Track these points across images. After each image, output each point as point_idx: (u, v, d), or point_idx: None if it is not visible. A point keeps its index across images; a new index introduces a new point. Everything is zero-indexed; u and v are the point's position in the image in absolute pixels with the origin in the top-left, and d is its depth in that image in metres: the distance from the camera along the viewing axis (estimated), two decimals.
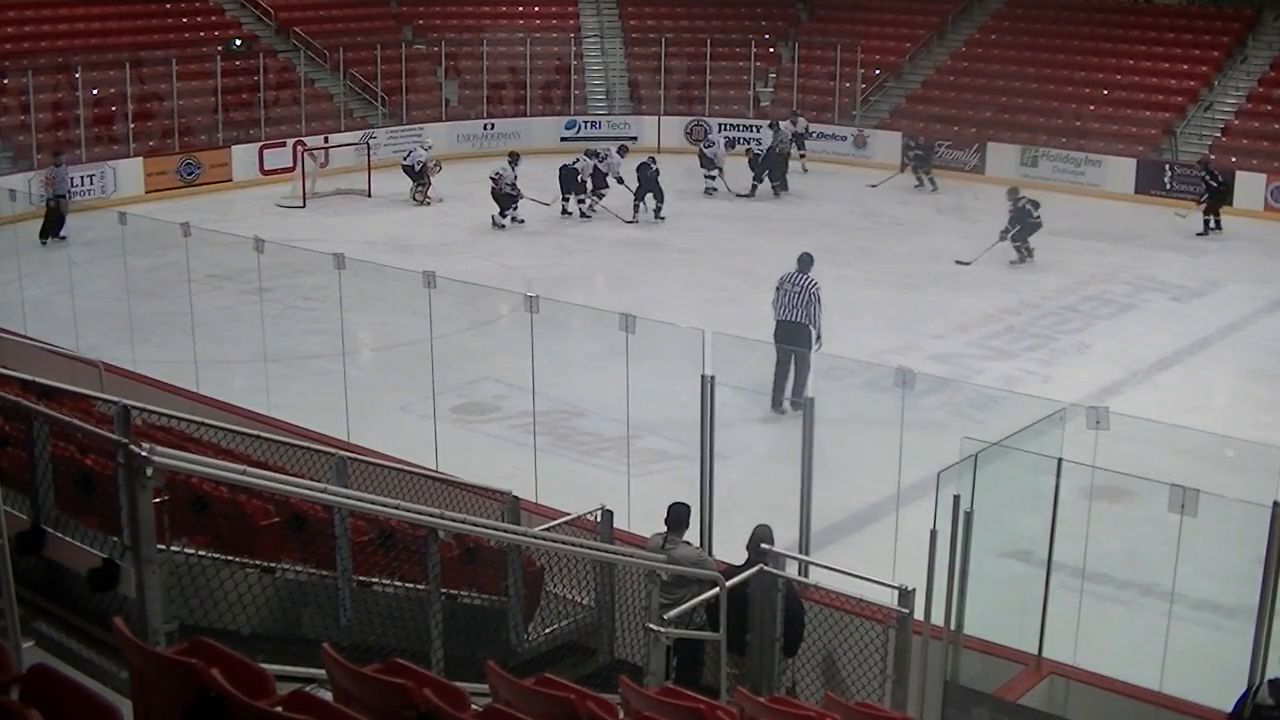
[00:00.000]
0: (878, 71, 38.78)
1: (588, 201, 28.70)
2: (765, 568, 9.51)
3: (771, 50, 40.07)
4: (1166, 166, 32.93)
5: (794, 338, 16.84)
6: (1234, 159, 32.20)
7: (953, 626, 9.45)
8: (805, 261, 17.65)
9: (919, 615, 9.13)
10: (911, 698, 9.23)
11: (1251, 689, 7.93)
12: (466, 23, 39.76)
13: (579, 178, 28.65)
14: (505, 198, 27.66)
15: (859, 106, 37.79)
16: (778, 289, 17.31)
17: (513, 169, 27.86)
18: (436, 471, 12.45)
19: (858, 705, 8.26)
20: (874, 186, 32.78)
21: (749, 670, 9.62)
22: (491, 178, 27.76)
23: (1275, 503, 8.35)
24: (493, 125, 37.38)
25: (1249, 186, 31.45)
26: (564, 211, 28.75)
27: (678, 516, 10.32)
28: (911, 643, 9.12)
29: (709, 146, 31.98)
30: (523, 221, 28.05)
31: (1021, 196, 25.87)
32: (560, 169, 28.77)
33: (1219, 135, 33.68)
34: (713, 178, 31.31)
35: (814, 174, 34.83)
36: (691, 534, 10.90)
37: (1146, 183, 32.97)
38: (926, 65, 39.08)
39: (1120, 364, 19.48)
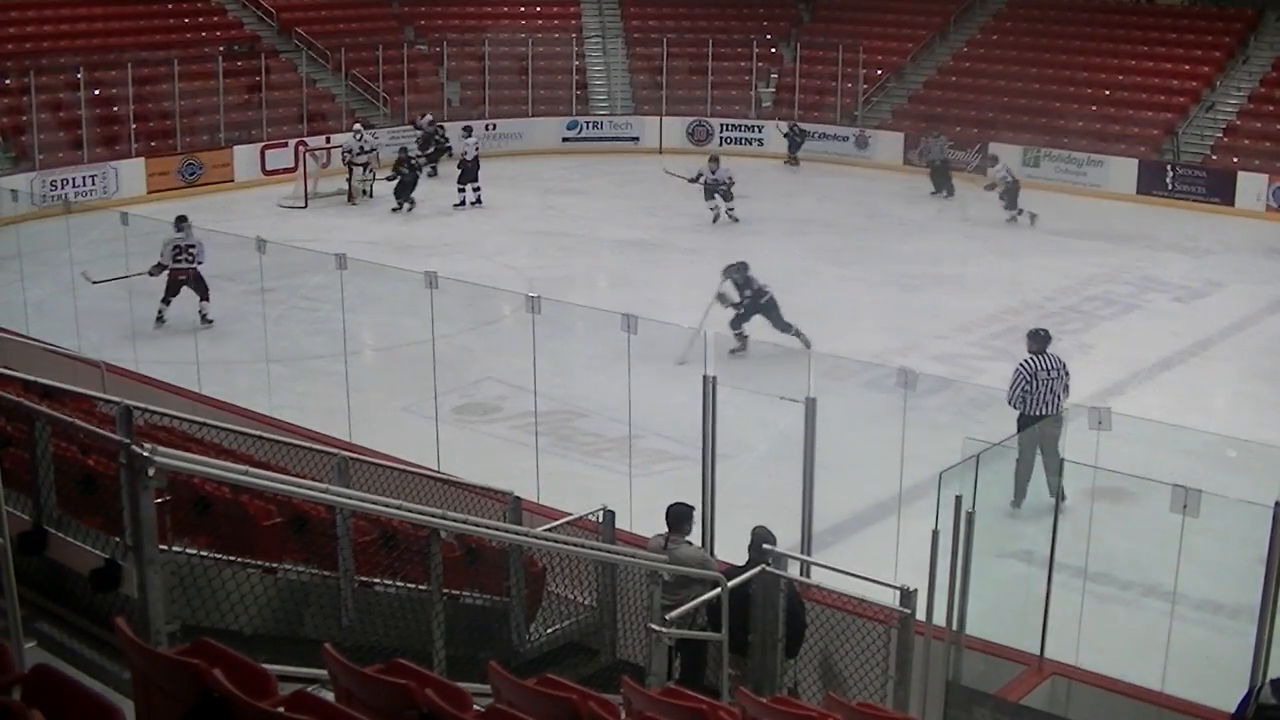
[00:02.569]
0: (879, 72, 38.78)
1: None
2: (767, 568, 9.50)
3: (773, 50, 40.05)
4: (1168, 167, 32.93)
5: (1054, 423, 14.12)
6: (1235, 159, 32.20)
7: (954, 627, 9.45)
8: (1042, 339, 14.76)
9: (921, 615, 9.12)
10: (913, 698, 9.22)
11: (1254, 689, 7.91)
12: (468, 23, 39.77)
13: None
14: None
15: (860, 107, 37.78)
16: (1031, 377, 14.27)
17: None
18: (438, 472, 12.44)
19: (859, 705, 8.24)
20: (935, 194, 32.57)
21: (750, 671, 9.62)
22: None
23: (1277, 503, 8.34)
24: (494, 126, 37.36)
25: (1251, 187, 31.48)
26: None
27: (678, 517, 10.31)
28: (913, 643, 9.12)
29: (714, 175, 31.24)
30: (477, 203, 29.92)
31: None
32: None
33: (1221, 135, 33.67)
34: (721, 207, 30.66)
35: (816, 174, 34.85)
36: (693, 534, 10.91)
37: (1148, 183, 32.96)
38: (928, 65, 39.07)
39: (1123, 364, 19.47)
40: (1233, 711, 7.80)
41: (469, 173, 30.38)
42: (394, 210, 29.55)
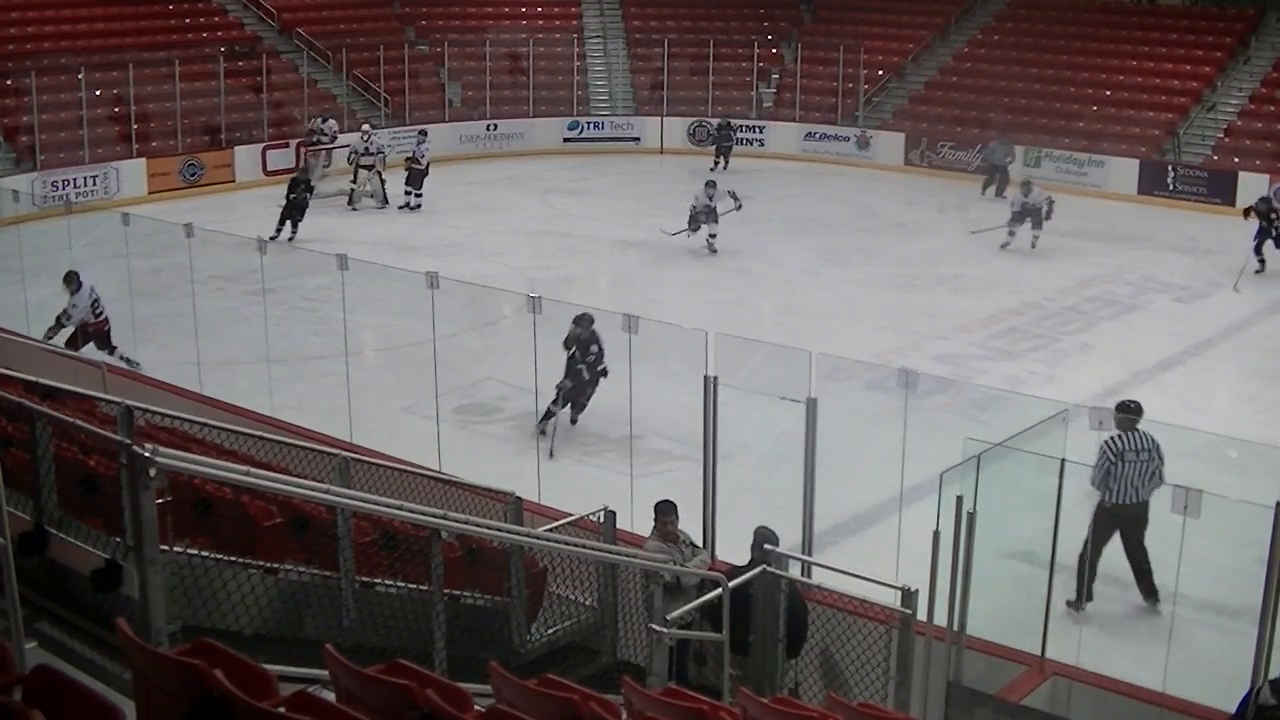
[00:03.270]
0: (880, 72, 38.78)
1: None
2: (768, 568, 9.50)
3: (774, 51, 40.06)
4: (1170, 167, 32.93)
5: (1139, 518, 12.06)
6: (1236, 159, 32.20)
7: (955, 627, 9.45)
8: (1132, 413, 12.49)
9: (922, 616, 9.12)
10: (914, 698, 9.22)
11: (1254, 689, 7.92)
12: (469, 23, 39.76)
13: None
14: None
15: (862, 107, 37.79)
16: (1117, 456, 11.98)
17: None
18: (439, 472, 12.45)
19: (860, 706, 8.25)
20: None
21: (751, 671, 9.62)
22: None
23: (1278, 503, 8.34)
24: (495, 126, 37.39)
25: (1251, 186, 31.42)
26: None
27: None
28: (914, 643, 9.12)
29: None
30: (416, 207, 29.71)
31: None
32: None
33: (1222, 136, 33.68)
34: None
35: (818, 175, 34.88)
36: (694, 535, 10.92)
37: (1150, 183, 32.97)
38: (930, 66, 39.07)
39: (1123, 365, 19.47)
40: (1232, 712, 7.80)
41: (416, 178, 30.06)
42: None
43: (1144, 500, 11.84)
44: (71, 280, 17.92)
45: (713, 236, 26.13)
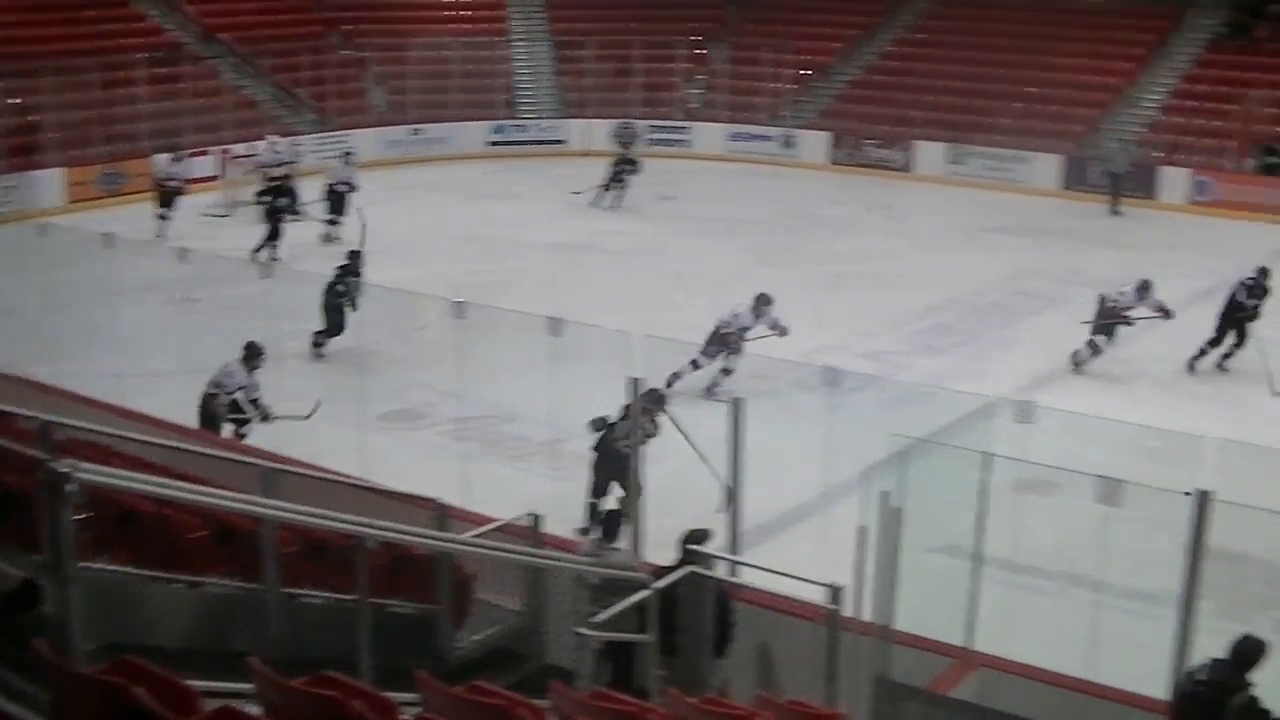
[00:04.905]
0: (807, 72, 38.95)
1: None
2: (695, 569, 9.52)
3: (702, 52, 40.13)
4: (1092, 162, 33.32)
5: None
6: (1159, 154, 32.59)
7: (883, 622, 9.50)
8: None
9: (850, 612, 9.17)
10: (844, 694, 9.26)
11: (1190, 670, 8.07)
12: (395, 27, 39.56)
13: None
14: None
15: (788, 107, 37.94)
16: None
17: None
18: (364, 480, 12.39)
19: (790, 703, 8.28)
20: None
21: (680, 672, 9.63)
22: None
23: (1198, 491, 8.45)
24: (420, 130, 37.22)
25: (1174, 182, 31.97)
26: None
27: (610, 523, 10.35)
28: (842, 640, 9.16)
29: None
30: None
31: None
32: None
33: (1145, 131, 34.09)
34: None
35: (745, 175, 34.98)
36: (624, 537, 10.93)
37: (1073, 178, 33.36)
38: (856, 65, 39.31)
39: (1047, 358, 19.65)
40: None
41: (339, 203, 27.39)
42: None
43: None
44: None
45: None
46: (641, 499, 11.58)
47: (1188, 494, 8.45)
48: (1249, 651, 7.93)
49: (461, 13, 41.38)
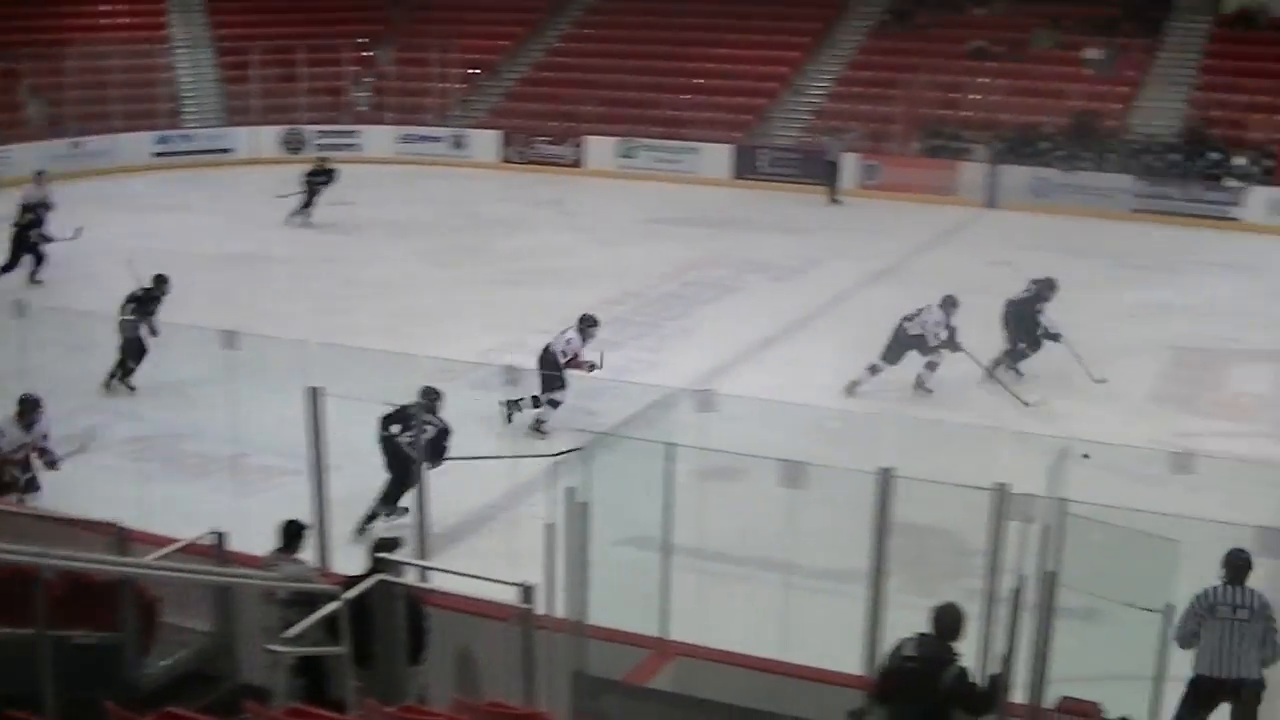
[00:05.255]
0: (475, 71, 38.80)
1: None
2: (385, 577, 9.29)
3: (369, 54, 39.54)
4: (762, 150, 34.13)
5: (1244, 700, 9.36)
6: (827, 139, 33.56)
7: (577, 618, 9.41)
8: (1240, 566, 9.34)
9: (543, 609, 9.05)
10: (542, 692, 9.15)
11: (897, 646, 8.19)
12: (51, 36, 37.63)
13: None
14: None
15: (457, 107, 37.74)
16: (1208, 611, 9.31)
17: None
18: (35, 509, 11.77)
19: (489, 705, 8.16)
20: None
21: (376, 682, 9.38)
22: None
23: (880, 468, 8.59)
24: (81, 143, 35.49)
25: (844, 166, 32.96)
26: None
27: (288, 534, 10.05)
28: (538, 637, 9.04)
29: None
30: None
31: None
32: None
33: (813, 118, 35.08)
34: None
35: (416, 176, 34.64)
36: (309, 548, 10.59)
37: (743, 167, 34.13)
38: (523, 63, 39.35)
39: (726, 346, 19.93)
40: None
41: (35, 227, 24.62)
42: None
43: (1250, 675, 9.31)
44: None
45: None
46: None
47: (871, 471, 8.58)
48: (951, 622, 8.06)
49: (119, 20, 39.70)
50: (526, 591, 8.80)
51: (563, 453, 11.21)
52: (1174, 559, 7.50)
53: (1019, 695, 8.01)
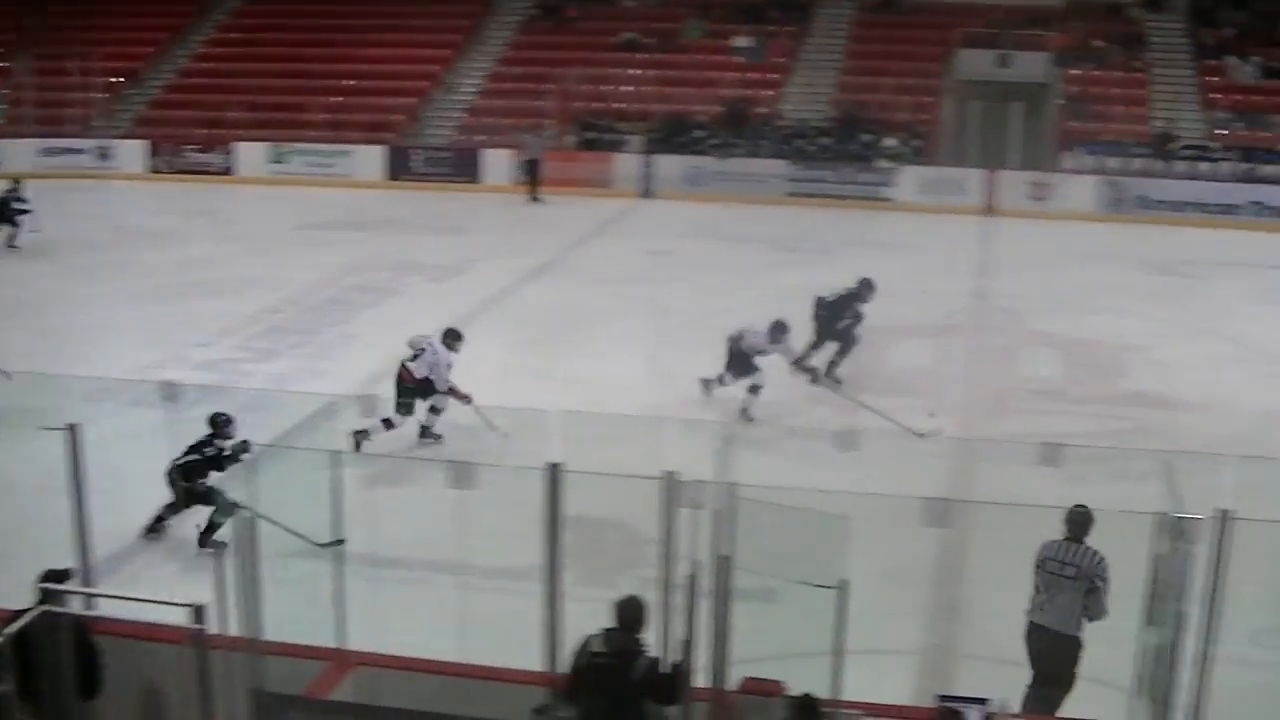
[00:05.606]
0: (118, 79, 37.53)
1: None
2: (48, 608, 8.96)
3: (3, 65, 37.75)
4: (415, 150, 34.09)
5: (1056, 652, 9.66)
6: (480, 138, 33.70)
7: (251, 635, 9.27)
8: (1079, 521, 9.63)
9: (216, 629, 8.89)
10: (220, 713, 8.98)
11: (584, 643, 8.28)
12: None
13: None
14: None
15: (101, 117, 36.42)
16: (1038, 566, 9.69)
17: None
18: None
19: None
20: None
21: None
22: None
23: (549, 464, 8.69)
24: None
25: (496, 164, 33.27)
26: None
27: None
28: (212, 658, 8.87)
29: None
30: None
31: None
32: None
33: (464, 116, 35.18)
34: None
35: (60, 190, 33.22)
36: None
37: (397, 168, 34.04)
38: (168, 69, 38.29)
39: (388, 350, 19.69)
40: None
41: None
42: None
43: (1067, 631, 9.60)
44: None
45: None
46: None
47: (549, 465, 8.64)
48: (635, 614, 8.19)
49: None
50: (198, 611, 8.63)
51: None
52: (845, 535, 7.79)
53: (701, 679, 8.21)
